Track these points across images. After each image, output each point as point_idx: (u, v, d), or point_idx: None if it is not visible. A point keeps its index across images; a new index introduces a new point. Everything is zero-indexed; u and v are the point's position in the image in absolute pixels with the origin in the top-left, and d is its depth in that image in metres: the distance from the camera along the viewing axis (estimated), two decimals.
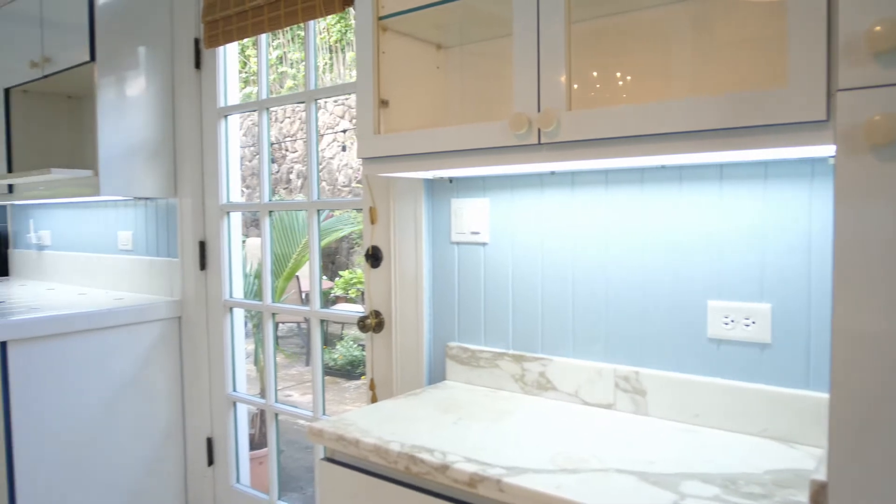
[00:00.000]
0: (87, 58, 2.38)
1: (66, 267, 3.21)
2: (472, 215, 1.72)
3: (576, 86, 1.41)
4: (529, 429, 1.36)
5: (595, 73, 1.44)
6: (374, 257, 1.92)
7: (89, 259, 3.06)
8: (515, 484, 1.08)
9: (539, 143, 1.22)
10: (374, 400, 1.95)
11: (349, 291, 7.06)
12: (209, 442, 2.61)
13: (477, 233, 1.71)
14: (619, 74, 1.41)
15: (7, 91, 2.86)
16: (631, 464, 1.16)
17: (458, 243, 1.77)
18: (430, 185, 1.81)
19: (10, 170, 2.86)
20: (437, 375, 1.83)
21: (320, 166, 8.37)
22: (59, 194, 2.69)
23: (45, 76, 2.61)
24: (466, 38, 1.67)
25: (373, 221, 1.91)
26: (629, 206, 1.46)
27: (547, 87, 1.20)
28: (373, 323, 1.92)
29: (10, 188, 2.93)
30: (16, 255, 3.61)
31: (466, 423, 1.40)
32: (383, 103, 1.51)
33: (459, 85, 1.70)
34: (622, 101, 1.41)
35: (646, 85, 1.38)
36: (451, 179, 1.77)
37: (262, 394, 2.52)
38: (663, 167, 1.41)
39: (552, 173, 1.58)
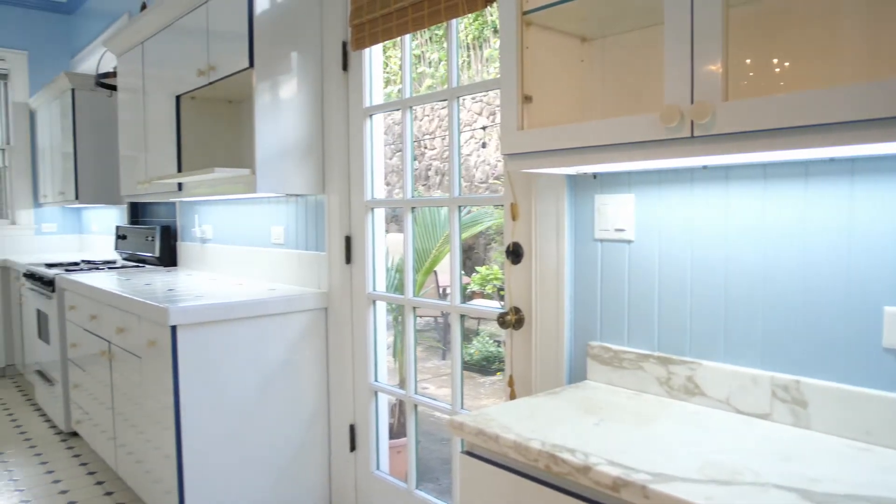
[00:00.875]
0: (247, 64, 2.55)
1: (226, 259, 3.47)
2: (616, 211, 1.67)
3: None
4: (676, 435, 1.30)
5: (749, 60, 1.34)
6: (514, 253, 1.91)
7: (246, 252, 3.29)
8: (662, 491, 1.04)
9: (692, 137, 1.16)
10: (512, 396, 1.94)
11: (486, 287, 7.11)
12: (352, 429, 2.72)
13: (622, 230, 1.66)
14: (775, 60, 1.31)
15: (178, 98, 3.13)
16: (791, 480, 1.08)
17: (601, 240, 1.72)
18: (573, 180, 1.78)
19: (179, 169, 3.12)
20: (577, 375, 1.80)
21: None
22: (220, 192, 2.91)
23: (210, 83, 2.83)
24: (612, 30, 1.62)
25: (514, 218, 1.91)
26: (791, 203, 1.36)
27: (701, 77, 1.14)
28: (512, 319, 1.92)
29: (180, 186, 3.21)
30: (183, 248, 3.95)
31: (609, 424, 1.36)
32: (527, 99, 1.50)
33: (604, 78, 1.65)
34: (780, 89, 1.30)
35: (807, 70, 1.27)
36: (594, 175, 1.72)
37: (402, 384, 2.60)
38: (832, 160, 1.29)
39: (704, 167, 1.50)
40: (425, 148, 9.54)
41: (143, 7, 4.25)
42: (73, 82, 4.64)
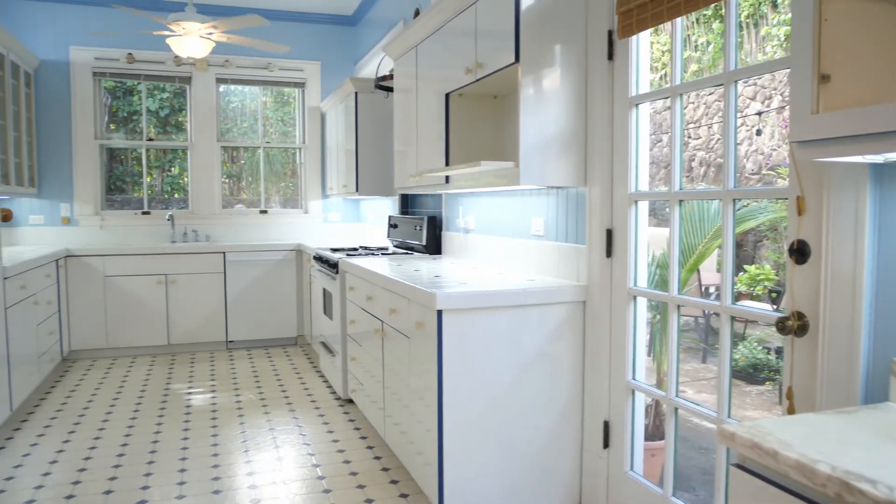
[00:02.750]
0: (512, 60, 2.61)
1: (487, 249, 3.61)
2: None
3: None
4: None
5: None
6: (799, 252, 1.72)
7: (505, 242, 3.39)
8: None
9: None
10: (791, 410, 1.75)
11: (755, 288, 6.54)
12: (606, 425, 2.68)
13: None
14: None
15: (447, 96, 3.32)
16: None
17: None
18: (878, 170, 1.54)
19: (447, 163, 3.32)
20: (875, 394, 1.56)
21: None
22: (483, 184, 3.03)
23: (477, 80, 2.95)
24: None
25: (800, 212, 1.71)
26: None
27: None
28: (794, 325, 1.72)
29: (447, 179, 3.41)
30: (447, 237, 4.19)
31: None
32: (823, 78, 1.33)
33: None
34: None
35: None
36: None
37: (659, 385, 2.49)
38: None
39: None
40: (689, 137, 9.02)
41: (417, 13, 4.58)
42: (356, 86, 5.17)
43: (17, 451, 3.53)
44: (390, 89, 4.70)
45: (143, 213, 6.22)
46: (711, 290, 6.62)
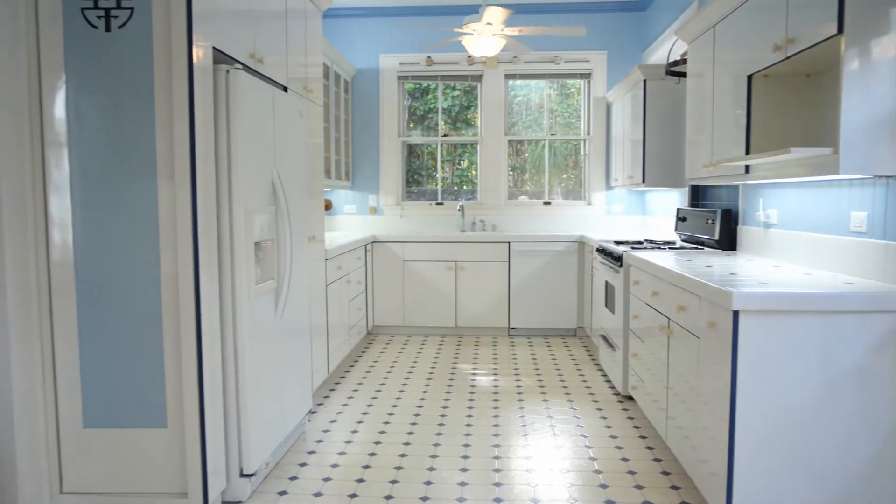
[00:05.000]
0: (834, 31, 2.29)
1: (791, 246, 3.24)
2: None
3: None
4: None
5: None
6: None
7: (815, 239, 3.01)
8: None
9: None
10: None
11: None
12: None
13: None
14: None
15: (749, 78, 3.03)
16: None
17: None
18: None
19: (747, 151, 3.03)
20: None
21: None
22: (788, 174, 2.71)
23: (787, 57, 2.64)
24: None
25: None
26: None
27: None
28: None
29: (747, 169, 3.12)
30: (743, 232, 3.85)
31: None
32: None
33: None
34: None
35: None
36: None
37: None
38: None
39: None
40: None
41: None
42: (644, 74, 4.99)
43: (332, 408, 4.06)
44: (682, 75, 4.44)
45: (437, 203, 6.74)
46: None
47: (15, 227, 2.53)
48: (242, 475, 2.85)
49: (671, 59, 4.65)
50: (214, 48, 2.69)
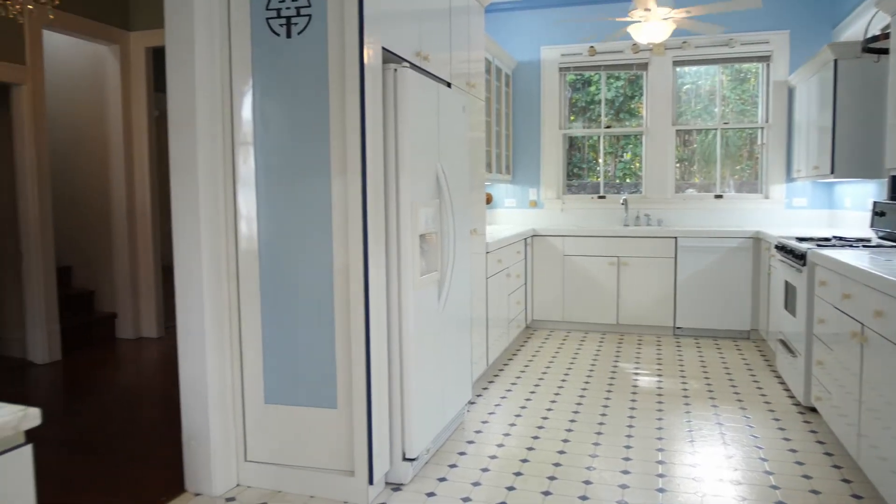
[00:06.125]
0: None
1: None
2: None
3: None
4: None
5: None
6: None
7: None
8: None
9: None
10: None
11: None
12: None
13: None
14: None
15: None
16: None
17: None
18: None
19: None
20: None
21: None
22: None
23: None
24: None
25: None
26: None
27: None
28: None
29: None
30: None
31: None
32: None
33: None
34: None
35: None
36: None
37: None
38: None
39: None
40: None
41: None
42: (834, 53, 4.52)
43: (491, 400, 4.10)
44: (883, 51, 3.98)
45: (599, 197, 6.57)
46: None
47: (210, 219, 2.79)
48: (405, 459, 2.95)
49: (869, 35, 4.18)
50: (383, 48, 2.80)
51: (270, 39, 2.76)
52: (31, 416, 1.35)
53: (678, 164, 6.51)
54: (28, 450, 1.35)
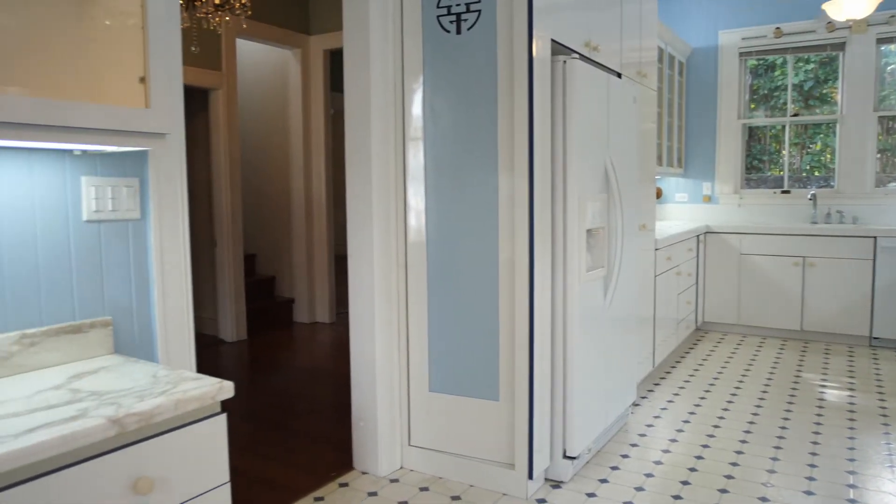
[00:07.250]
0: None
1: None
2: None
3: None
4: None
5: None
6: None
7: None
8: None
9: None
10: None
11: None
12: None
13: None
14: None
15: None
16: None
17: None
18: None
19: None
20: None
21: None
22: None
23: None
24: None
25: None
26: None
27: None
28: None
29: None
30: None
31: None
32: None
33: None
34: None
35: None
36: None
37: None
38: None
39: None
40: None
41: None
42: None
43: (656, 403, 3.92)
44: None
45: (783, 191, 6.05)
46: None
47: (381, 211, 2.91)
48: (565, 457, 2.90)
49: None
50: (552, 40, 2.75)
51: (440, 36, 2.82)
52: (226, 389, 1.47)
53: (879, 155, 5.83)
54: (223, 418, 1.48)
